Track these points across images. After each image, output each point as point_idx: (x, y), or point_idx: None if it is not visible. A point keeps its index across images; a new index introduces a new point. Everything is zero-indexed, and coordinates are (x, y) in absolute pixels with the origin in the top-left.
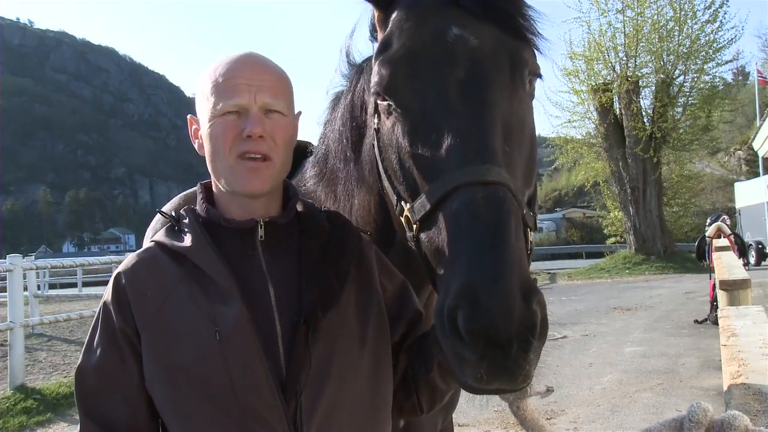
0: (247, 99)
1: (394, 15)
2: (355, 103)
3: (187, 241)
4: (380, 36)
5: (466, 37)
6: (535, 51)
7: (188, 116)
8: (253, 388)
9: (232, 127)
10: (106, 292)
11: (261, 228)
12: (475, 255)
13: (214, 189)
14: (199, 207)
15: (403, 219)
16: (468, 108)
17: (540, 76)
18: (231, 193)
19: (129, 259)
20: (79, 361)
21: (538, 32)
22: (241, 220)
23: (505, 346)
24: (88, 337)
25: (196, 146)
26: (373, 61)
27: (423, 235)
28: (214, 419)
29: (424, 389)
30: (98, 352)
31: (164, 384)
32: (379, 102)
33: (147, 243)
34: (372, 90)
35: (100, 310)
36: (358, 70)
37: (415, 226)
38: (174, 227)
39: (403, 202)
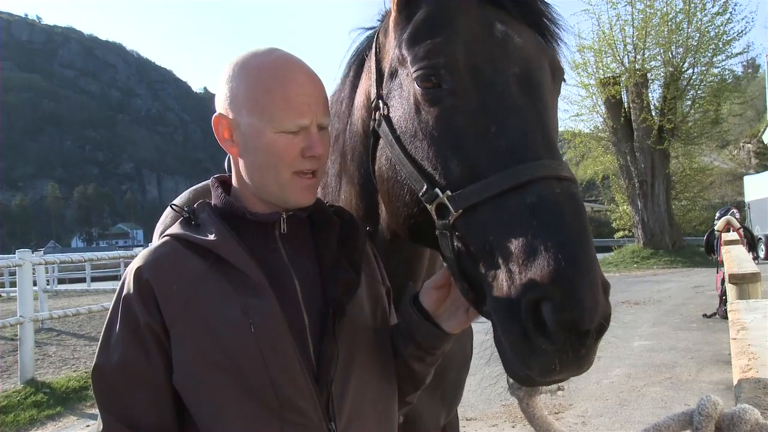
0: (309, 119)
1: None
2: (346, 94)
3: (210, 234)
4: (399, 16)
5: (511, 34)
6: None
7: (215, 115)
8: (291, 379)
9: (294, 144)
10: (126, 288)
11: (284, 221)
12: (566, 248)
13: (235, 185)
14: (218, 200)
15: (433, 207)
16: (531, 104)
17: (564, 80)
18: (267, 200)
19: (146, 253)
20: (95, 360)
21: (566, 41)
22: (266, 213)
23: (586, 336)
24: (103, 334)
25: (226, 146)
26: (402, 42)
27: (467, 224)
28: (254, 412)
29: (403, 374)
30: (120, 349)
31: (199, 379)
32: (420, 87)
33: (158, 237)
34: (415, 74)
35: (118, 306)
36: (357, 59)
37: (454, 214)
38: (190, 221)
39: (437, 189)
